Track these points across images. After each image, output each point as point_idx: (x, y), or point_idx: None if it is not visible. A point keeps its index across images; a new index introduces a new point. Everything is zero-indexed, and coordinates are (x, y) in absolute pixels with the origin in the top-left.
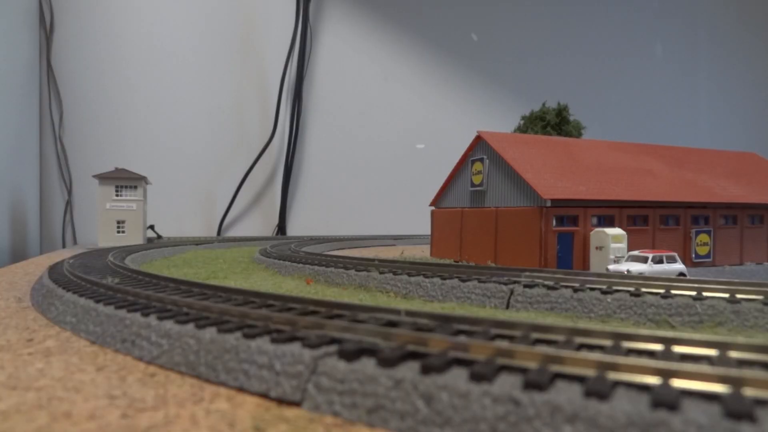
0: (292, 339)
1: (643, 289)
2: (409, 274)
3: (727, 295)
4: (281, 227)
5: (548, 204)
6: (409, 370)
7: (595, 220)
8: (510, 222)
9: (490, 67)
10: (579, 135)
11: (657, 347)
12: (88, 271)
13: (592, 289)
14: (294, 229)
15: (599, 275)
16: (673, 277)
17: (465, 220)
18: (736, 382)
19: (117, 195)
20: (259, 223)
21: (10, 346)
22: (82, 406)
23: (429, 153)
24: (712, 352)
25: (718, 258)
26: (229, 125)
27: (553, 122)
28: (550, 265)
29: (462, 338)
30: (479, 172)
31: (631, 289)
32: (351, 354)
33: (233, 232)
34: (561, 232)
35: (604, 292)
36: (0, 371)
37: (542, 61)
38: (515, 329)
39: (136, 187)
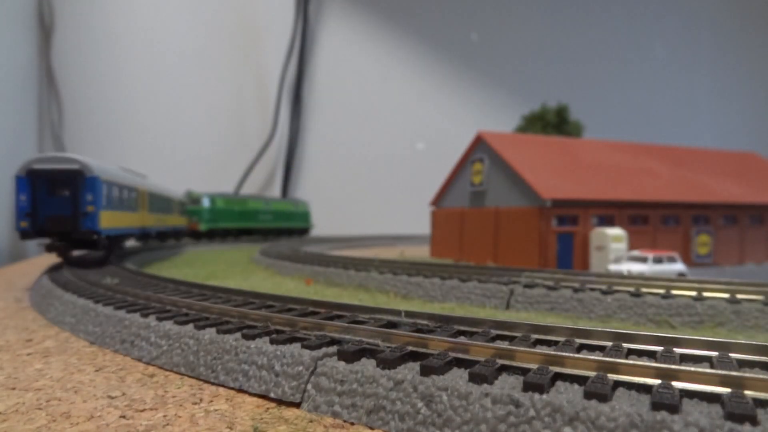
0: (291, 340)
1: (644, 290)
2: (409, 274)
3: (727, 296)
4: None
5: (548, 204)
6: (409, 371)
7: (595, 220)
8: (510, 222)
9: (490, 67)
10: (579, 135)
11: (657, 348)
12: (87, 271)
13: (592, 289)
14: None
15: (599, 275)
16: (674, 277)
17: (465, 220)
18: (737, 384)
19: None
20: None
21: (9, 346)
22: (81, 406)
23: (429, 153)
24: (712, 353)
25: (719, 258)
26: (229, 125)
27: (553, 122)
28: (550, 265)
29: (462, 339)
30: (479, 172)
31: (632, 289)
32: (351, 355)
33: None
34: (561, 232)
35: (604, 293)
36: None
37: (542, 61)
38: (515, 330)
39: None
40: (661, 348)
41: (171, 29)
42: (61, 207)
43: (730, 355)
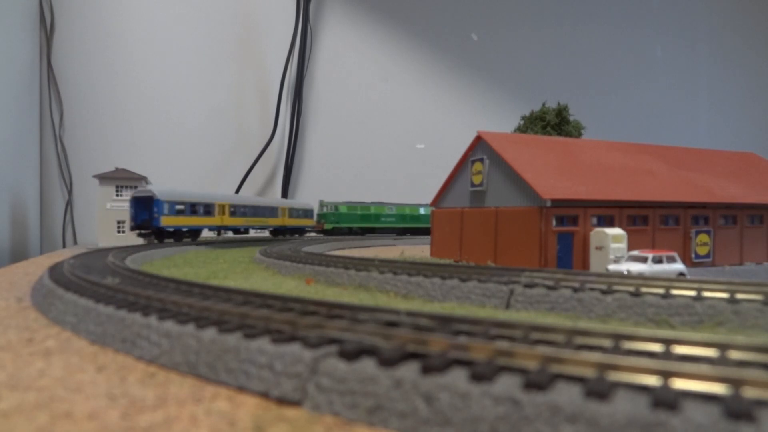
0: (292, 339)
1: (643, 289)
2: (409, 274)
3: (727, 295)
4: None
5: (548, 204)
6: (409, 370)
7: (595, 220)
8: (510, 222)
9: (490, 67)
10: (579, 135)
11: (657, 347)
12: (88, 271)
13: (592, 289)
14: None
15: (599, 275)
16: (673, 277)
17: (465, 220)
18: (735, 383)
19: (117, 195)
20: None
21: (10, 346)
22: (82, 406)
23: (429, 153)
24: (711, 352)
25: (718, 258)
26: (229, 125)
27: (553, 122)
28: (550, 265)
29: (462, 338)
30: (479, 173)
31: (631, 289)
32: (351, 354)
33: None
34: (561, 232)
35: (604, 292)
36: (0, 371)
37: (542, 61)
38: (515, 329)
39: (136, 187)
40: (661, 347)
41: (172, 30)
42: (145, 214)
43: (730, 354)
